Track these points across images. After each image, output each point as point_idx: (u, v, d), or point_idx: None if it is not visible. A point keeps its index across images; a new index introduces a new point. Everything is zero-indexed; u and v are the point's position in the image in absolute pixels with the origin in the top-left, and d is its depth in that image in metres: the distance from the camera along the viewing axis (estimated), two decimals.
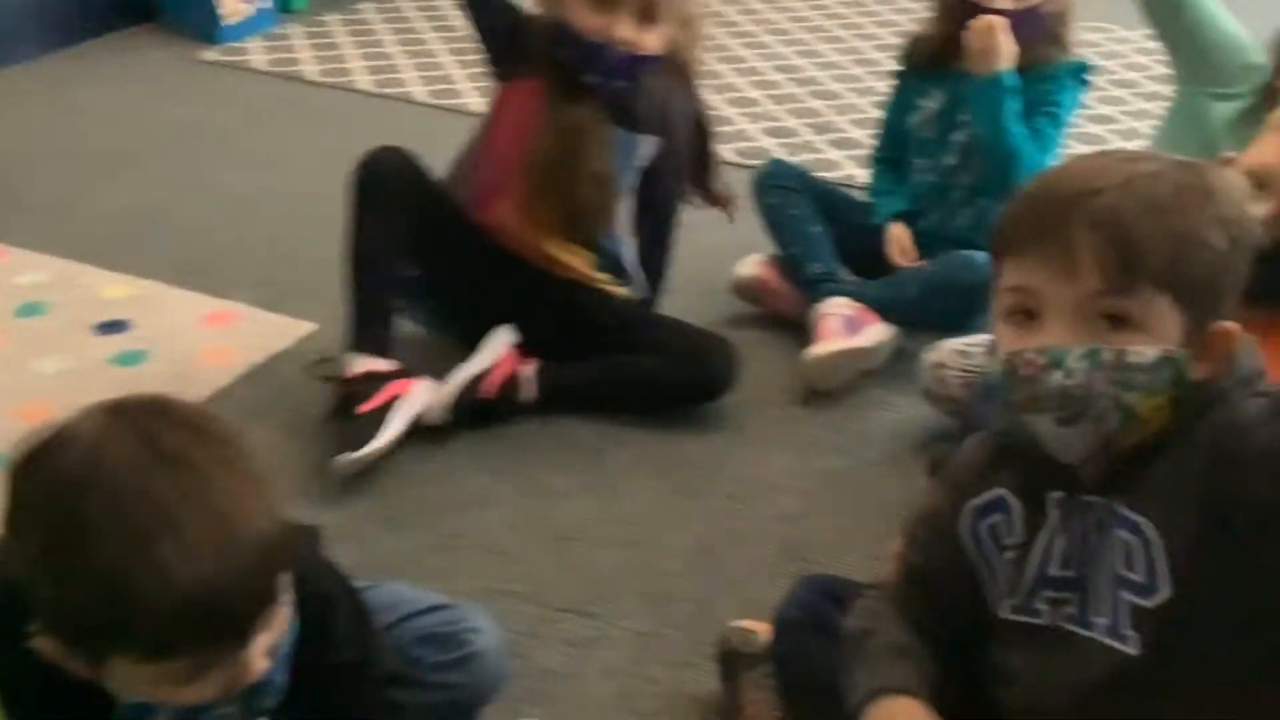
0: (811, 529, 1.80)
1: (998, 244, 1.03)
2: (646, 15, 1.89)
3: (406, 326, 2.10)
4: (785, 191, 2.32)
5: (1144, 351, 0.96)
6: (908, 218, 2.31)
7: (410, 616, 1.31)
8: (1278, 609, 0.98)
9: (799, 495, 1.87)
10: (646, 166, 2.04)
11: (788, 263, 2.29)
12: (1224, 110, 1.83)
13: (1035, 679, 1.08)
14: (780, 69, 3.65)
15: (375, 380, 1.86)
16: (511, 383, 1.99)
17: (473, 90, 3.25)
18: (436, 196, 2.01)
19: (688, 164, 2.08)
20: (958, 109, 2.22)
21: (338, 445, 1.81)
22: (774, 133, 3.20)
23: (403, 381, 1.89)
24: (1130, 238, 0.94)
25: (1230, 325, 0.99)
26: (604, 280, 2.08)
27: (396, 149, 1.97)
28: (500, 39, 1.99)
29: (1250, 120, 1.63)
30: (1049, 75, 2.18)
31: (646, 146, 2.02)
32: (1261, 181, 1.37)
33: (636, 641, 1.59)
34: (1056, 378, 0.96)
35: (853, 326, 2.13)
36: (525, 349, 2.03)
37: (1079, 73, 2.21)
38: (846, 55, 3.75)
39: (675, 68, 1.99)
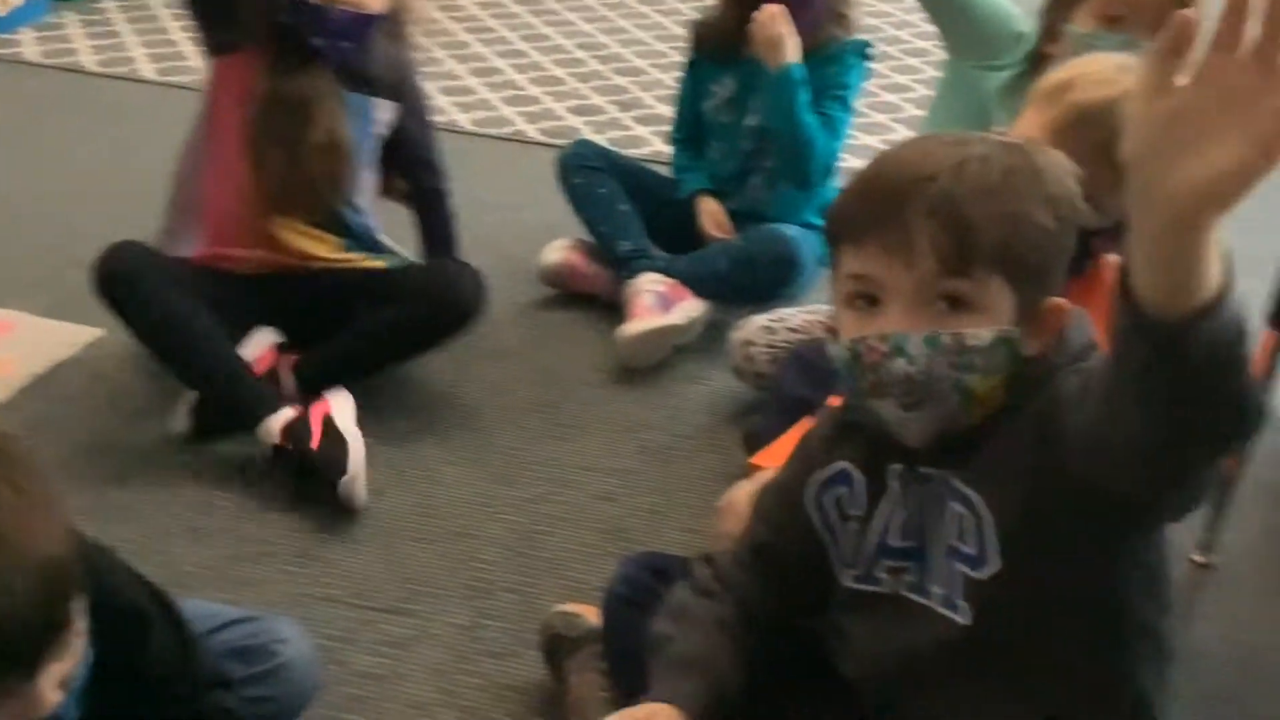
0: (630, 507, 1.80)
1: (834, 231, 1.05)
2: None
3: None
4: (591, 171, 2.31)
5: (980, 334, 0.98)
6: (713, 195, 2.33)
7: (212, 632, 1.26)
8: (1098, 585, 1.02)
9: (616, 475, 1.87)
10: (389, 134, 1.99)
11: (598, 242, 2.28)
12: (995, 80, 1.88)
13: (873, 644, 1.11)
14: (584, 46, 3.63)
15: (300, 422, 1.79)
16: (268, 381, 1.91)
17: None
18: (175, 265, 1.90)
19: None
20: (750, 95, 2.24)
21: (326, 480, 1.73)
22: (580, 111, 3.19)
23: (316, 404, 1.82)
24: (964, 221, 0.96)
25: (1060, 301, 1.02)
26: (356, 259, 2.00)
27: (121, 245, 1.85)
28: (213, 8, 1.88)
29: (1019, 89, 1.68)
30: (834, 57, 2.21)
31: (383, 111, 1.98)
32: None
33: (458, 636, 1.56)
34: (899, 364, 0.98)
35: (665, 303, 2.14)
36: (300, 348, 1.95)
37: (862, 51, 2.26)
38: (649, 31, 3.77)
39: (397, 28, 1.95)
